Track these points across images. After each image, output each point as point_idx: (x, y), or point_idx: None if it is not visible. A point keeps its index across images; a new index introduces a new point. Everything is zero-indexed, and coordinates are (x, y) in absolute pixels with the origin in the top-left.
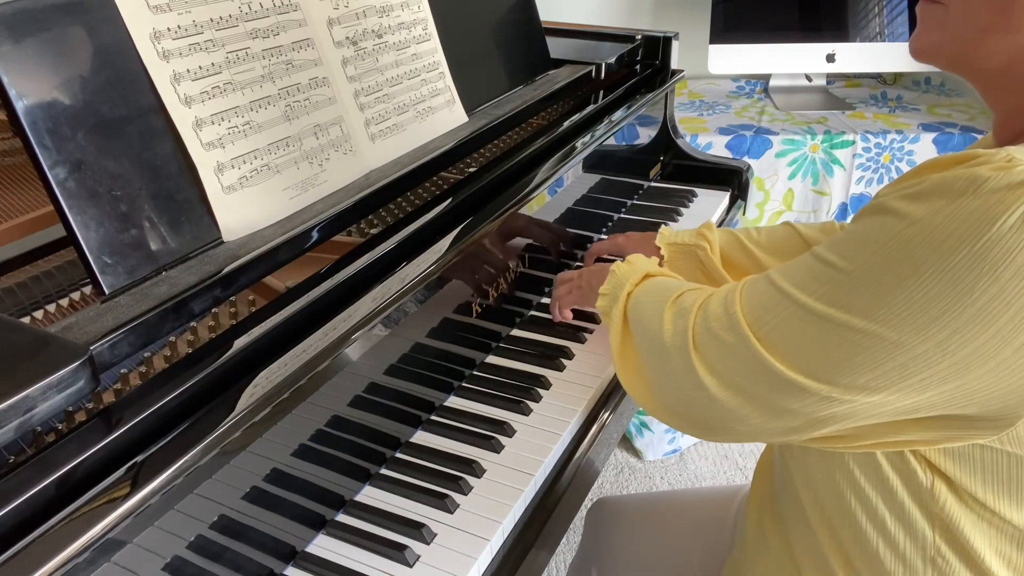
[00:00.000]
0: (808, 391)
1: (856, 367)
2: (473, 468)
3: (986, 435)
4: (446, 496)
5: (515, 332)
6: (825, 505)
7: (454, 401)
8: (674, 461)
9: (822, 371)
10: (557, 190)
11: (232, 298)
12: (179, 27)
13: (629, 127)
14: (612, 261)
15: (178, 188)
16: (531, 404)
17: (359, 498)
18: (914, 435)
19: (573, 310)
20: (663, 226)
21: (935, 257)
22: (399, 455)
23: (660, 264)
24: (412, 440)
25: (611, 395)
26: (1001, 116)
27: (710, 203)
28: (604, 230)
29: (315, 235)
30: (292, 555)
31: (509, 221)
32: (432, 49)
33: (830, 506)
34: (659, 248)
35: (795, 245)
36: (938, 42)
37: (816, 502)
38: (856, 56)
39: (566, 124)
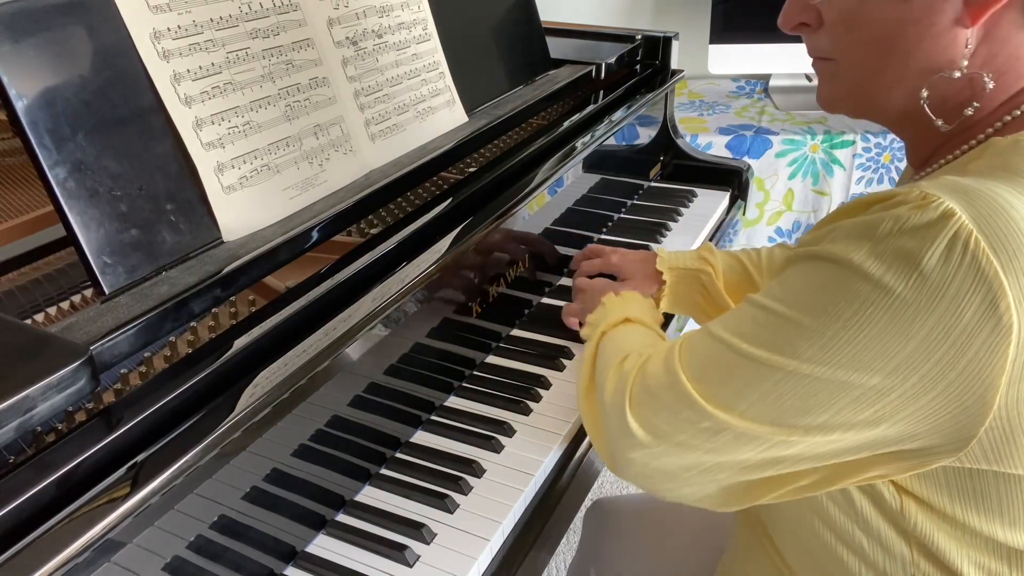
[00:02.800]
0: (763, 438)
1: (810, 409)
2: (473, 468)
3: (947, 457)
4: (446, 496)
5: (515, 332)
6: (801, 535)
7: (454, 401)
8: None
9: (776, 417)
10: (557, 190)
11: (232, 298)
12: (179, 27)
13: (629, 127)
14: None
15: (178, 188)
16: (531, 404)
17: (359, 498)
18: (881, 470)
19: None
20: (659, 248)
21: (873, 296)
22: (399, 455)
23: (660, 290)
24: (412, 440)
25: None
26: (909, 145)
27: (710, 203)
28: (604, 230)
29: (315, 235)
30: (292, 555)
31: (505, 228)
32: (432, 49)
33: (806, 536)
34: (660, 273)
35: None
36: (837, 93)
37: (793, 534)
38: None
39: (566, 124)
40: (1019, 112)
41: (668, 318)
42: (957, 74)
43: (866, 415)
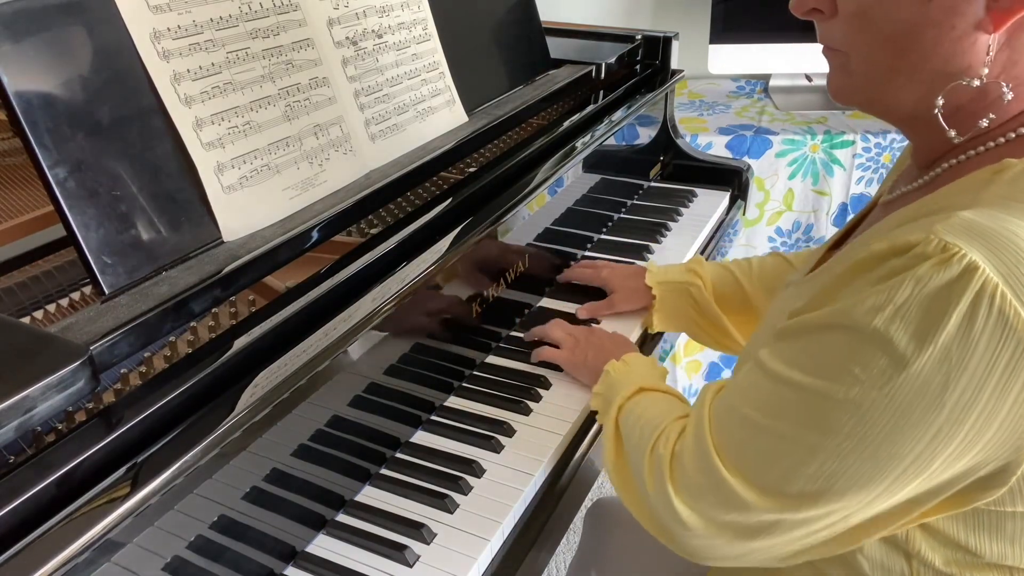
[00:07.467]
0: (819, 517)
1: (862, 486)
2: (473, 468)
3: (987, 496)
4: (446, 496)
5: (515, 332)
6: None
7: (454, 401)
8: None
9: (832, 495)
10: (557, 190)
11: (232, 298)
12: (179, 27)
13: (629, 127)
14: (599, 295)
15: (178, 188)
16: (531, 404)
17: (359, 498)
18: (918, 517)
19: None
20: (649, 263)
21: (902, 365)
22: (399, 455)
23: (652, 304)
24: (412, 440)
25: None
26: (916, 146)
27: (710, 203)
28: (604, 230)
29: (315, 235)
30: (292, 555)
31: (504, 231)
32: (432, 49)
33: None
34: (650, 288)
35: (787, 274)
36: (846, 86)
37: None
38: None
39: (566, 124)
40: None
41: (658, 336)
42: (977, 82)
43: (912, 485)
